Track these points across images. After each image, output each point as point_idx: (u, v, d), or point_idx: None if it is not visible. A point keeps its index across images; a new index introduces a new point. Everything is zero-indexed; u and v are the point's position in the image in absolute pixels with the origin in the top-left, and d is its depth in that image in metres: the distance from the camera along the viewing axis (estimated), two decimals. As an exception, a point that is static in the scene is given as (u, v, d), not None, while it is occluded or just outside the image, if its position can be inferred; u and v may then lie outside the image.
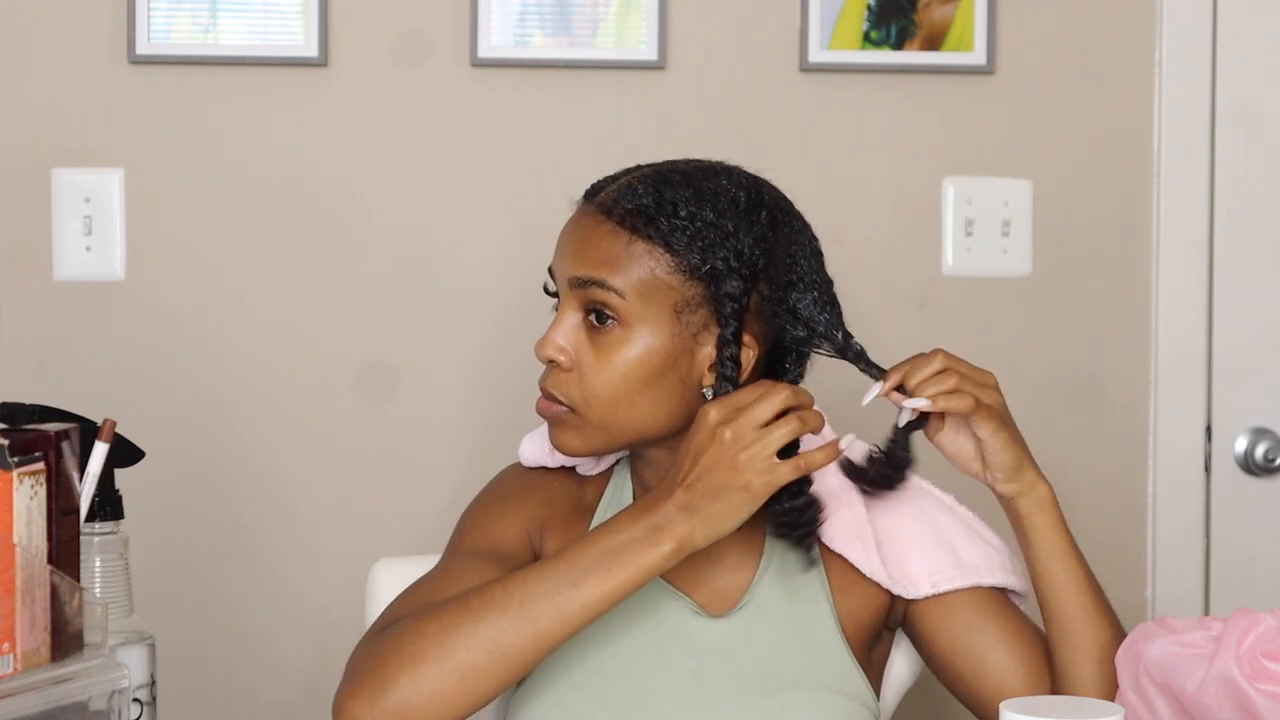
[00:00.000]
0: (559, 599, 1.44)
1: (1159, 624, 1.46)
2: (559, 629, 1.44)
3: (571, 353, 1.54)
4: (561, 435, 1.56)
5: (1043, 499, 1.54)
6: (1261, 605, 1.45)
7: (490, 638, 1.43)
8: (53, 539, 1.36)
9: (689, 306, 1.53)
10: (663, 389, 1.53)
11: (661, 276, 1.52)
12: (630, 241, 1.53)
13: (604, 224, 1.54)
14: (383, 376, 2.22)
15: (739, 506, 1.45)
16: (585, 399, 1.53)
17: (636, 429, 1.55)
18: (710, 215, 1.53)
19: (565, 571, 1.45)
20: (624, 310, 1.52)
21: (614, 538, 1.45)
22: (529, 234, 2.23)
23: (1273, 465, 2.36)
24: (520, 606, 1.44)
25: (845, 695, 1.55)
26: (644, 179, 1.56)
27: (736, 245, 1.52)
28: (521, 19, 2.21)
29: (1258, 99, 2.35)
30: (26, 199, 2.17)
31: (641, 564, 1.44)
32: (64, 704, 1.33)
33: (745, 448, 1.44)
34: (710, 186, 1.55)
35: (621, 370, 1.52)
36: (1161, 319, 2.33)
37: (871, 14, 2.25)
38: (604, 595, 1.44)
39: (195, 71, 2.18)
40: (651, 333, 1.52)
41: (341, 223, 2.21)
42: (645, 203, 1.53)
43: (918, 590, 1.59)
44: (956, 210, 2.29)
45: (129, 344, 2.18)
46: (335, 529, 2.21)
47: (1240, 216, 2.35)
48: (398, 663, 1.43)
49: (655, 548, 1.44)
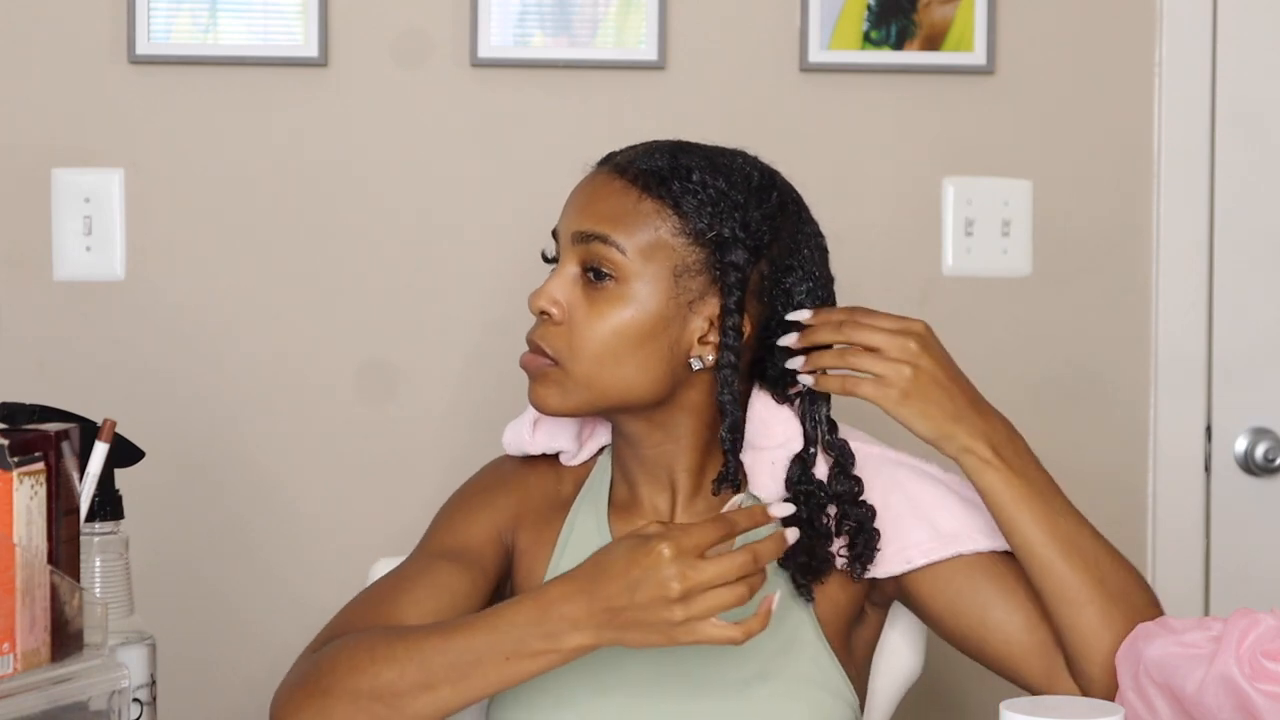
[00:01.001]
0: (455, 674, 1.41)
1: (1159, 624, 1.46)
2: (455, 699, 1.42)
3: (564, 306, 1.55)
4: (542, 390, 1.56)
5: (981, 460, 1.51)
6: (1261, 605, 1.45)
7: (389, 689, 1.43)
8: (53, 539, 1.36)
9: (689, 272, 1.53)
10: (651, 352, 1.54)
11: (666, 238, 1.53)
12: (640, 199, 1.54)
13: (615, 181, 1.56)
14: (382, 376, 2.22)
15: (651, 643, 1.39)
16: (572, 352, 1.54)
17: (619, 391, 1.54)
18: (723, 185, 1.55)
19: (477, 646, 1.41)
20: (624, 267, 1.53)
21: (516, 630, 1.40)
22: (529, 234, 2.23)
23: (1273, 465, 2.36)
24: (420, 670, 1.42)
25: (818, 687, 1.55)
26: (660, 147, 1.58)
27: (744, 217, 1.54)
28: (521, 19, 2.21)
29: (1258, 99, 2.35)
30: (26, 199, 2.17)
31: (542, 664, 1.40)
32: (64, 704, 1.33)
33: (686, 600, 1.35)
34: (725, 161, 1.58)
35: (612, 326, 1.53)
36: (1161, 319, 2.33)
37: (871, 14, 2.25)
38: (501, 680, 1.41)
39: (195, 71, 2.18)
40: (648, 293, 1.53)
41: (341, 223, 2.21)
42: (659, 165, 1.55)
43: (890, 568, 1.58)
44: (956, 210, 2.29)
45: (129, 344, 2.18)
46: (335, 529, 2.21)
47: (1240, 216, 2.35)
48: (313, 689, 1.46)
49: (555, 652, 1.40)
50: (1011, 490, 1.52)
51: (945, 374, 1.53)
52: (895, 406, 1.51)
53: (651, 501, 1.62)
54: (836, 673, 1.57)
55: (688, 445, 1.59)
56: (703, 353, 1.55)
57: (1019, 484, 1.52)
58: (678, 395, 1.56)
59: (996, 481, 1.52)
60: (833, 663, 1.57)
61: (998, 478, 1.52)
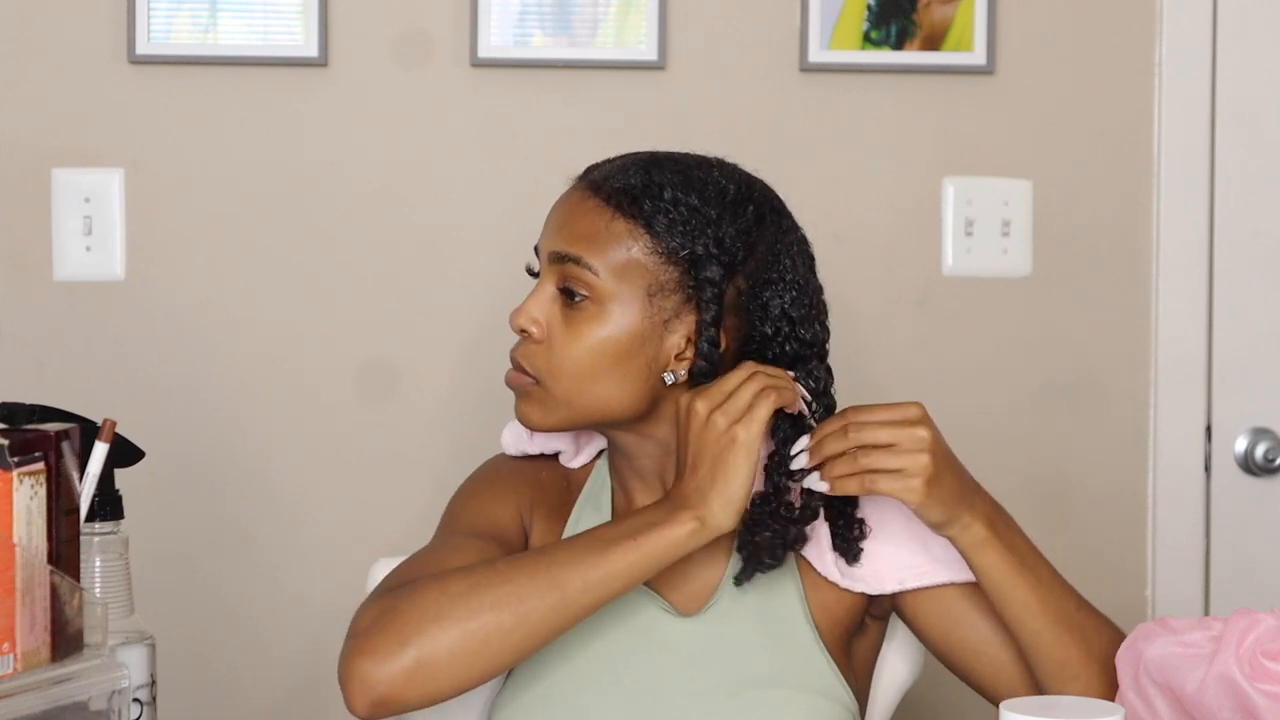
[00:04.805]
0: (585, 567, 1.46)
1: (1159, 624, 1.46)
2: (584, 596, 1.46)
3: (544, 325, 1.56)
4: (525, 407, 1.58)
5: (976, 540, 1.51)
6: (1261, 605, 1.45)
7: (517, 600, 1.44)
8: (53, 539, 1.36)
9: (663, 291, 1.54)
10: (628, 370, 1.54)
11: (638, 258, 1.54)
12: (612, 219, 1.54)
13: (589, 200, 1.57)
14: (382, 376, 2.22)
15: (738, 465, 1.47)
16: (551, 371, 1.55)
17: (599, 408, 1.56)
18: (695, 201, 1.55)
19: (592, 544, 1.48)
20: (598, 288, 1.54)
21: (639, 519, 1.49)
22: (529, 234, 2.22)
23: (1273, 465, 2.36)
24: (548, 572, 1.46)
25: (817, 693, 1.55)
26: (636, 161, 1.59)
27: (718, 233, 1.54)
28: (521, 19, 2.21)
29: (1258, 99, 2.35)
30: (26, 199, 2.17)
31: (667, 539, 1.47)
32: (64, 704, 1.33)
33: (719, 407, 1.48)
34: (700, 175, 1.57)
35: (589, 346, 1.54)
36: (1161, 319, 2.33)
37: (871, 14, 2.25)
38: (630, 565, 1.46)
39: (195, 71, 2.18)
40: (623, 312, 1.54)
41: (341, 223, 2.21)
42: (632, 183, 1.55)
43: (884, 586, 1.59)
44: (956, 210, 2.29)
45: (129, 344, 2.18)
46: (335, 528, 2.21)
47: (1240, 216, 2.35)
48: (419, 619, 1.43)
49: (679, 524, 1.47)
50: (1007, 566, 1.52)
51: (949, 456, 1.52)
52: (920, 498, 1.49)
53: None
54: (835, 679, 1.57)
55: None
56: (677, 368, 1.55)
57: (1013, 559, 1.52)
58: (660, 409, 1.57)
59: (994, 558, 1.52)
60: (831, 669, 1.57)
61: (995, 555, 1.52)
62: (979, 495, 1.53)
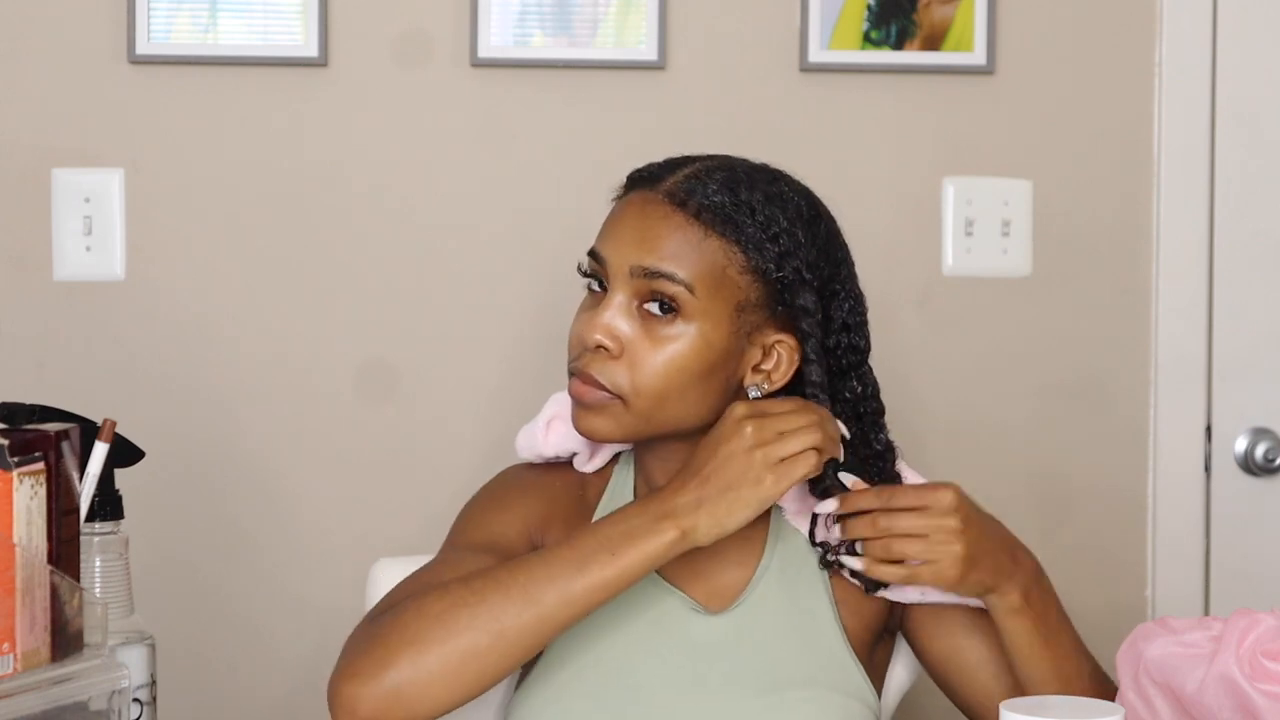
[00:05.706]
0: (562, 582, 1.44)
1: (1159, 624, 1.46)
2: (562, 611, 1.45)
3: (620, 339, 1.53)
4: (595, 419, 1.54)
5: (1010, 607, 1.51)
6: (1261, 605, 1.45)
7: (493, 619, 1.43)
8: (53, 539, 1.36)
9: (750, 306, 1.53)
10: (710, 385, 1.53)
11: (732, 275, 1.53)
12: (705, 237, 1.52)
13: (675, 215, 1.53)
14: (383, 376, 2.22)
15: (748, 503, 1.46)
16: (635, 388, 1.52)
17: (675, 422, 1.54)
18: (784, 221, 1.54)
19: (569, 556, 1.46)
20: (689, 304, 1.52)
21: (620, 525, 1.46)
22: (529, 233, 2.23)
23: (1273, 465, 2.36)
24: (524, 589, 1.44)
25: (844, 693, 1.55)
26: (712, 174, 1.55)
27: (808, 257, 1.54)
28: (521, 19, 2.21)
29: (1258, 99, 2.35)
30: (26, 199, 2.17)
31: (644, 551, 1.45)
32: (64, 704, 1.33)
33: (764, 445, 1.46)
34: (776, 191, 1.56)
35: (678, 363, 1.52)
36: (1161, 319, 2.33)
37: (871, 14, 2.25)
38: (607, 580, 1.45)
39: (195, 71, 2.18)
40: (712, 328, 1.52)
41: (341, 223, 2.21)
42: (722, 200, 1.53)
43: (905, 595, 1.59)
44: (956, 210, 2.29)
45: (129, 344, 2.18)
46: (336, 528, 2.21)
47: (1240, 216, 2.35)
48: (398, 642, 1.43)
49: (658, 536, 1.45)
50: (1034, 636, 1.52)
51: (985, 533, 1.50)
52: (955, 585, 1.50)
53: None
54: (863, 681, 1.57)
55: None
56: (757, 380, 1.55)
57: (1041, 629, 1.52)
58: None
59: (1023, 628, 1.52)
60: (859, 670, 1.57)
61: (1025, 625, 1.52)
62: (1019, 564, 1.52)
